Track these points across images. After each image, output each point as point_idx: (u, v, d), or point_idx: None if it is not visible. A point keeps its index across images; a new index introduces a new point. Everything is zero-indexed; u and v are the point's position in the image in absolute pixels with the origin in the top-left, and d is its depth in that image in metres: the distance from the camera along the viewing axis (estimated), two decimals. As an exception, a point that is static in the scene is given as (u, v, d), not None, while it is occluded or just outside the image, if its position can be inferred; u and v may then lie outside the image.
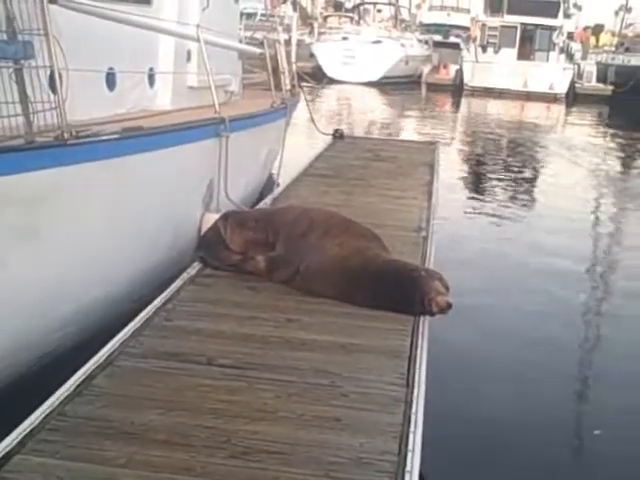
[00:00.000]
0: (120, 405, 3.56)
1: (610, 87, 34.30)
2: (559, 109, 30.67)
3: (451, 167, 14.41)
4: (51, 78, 4.62)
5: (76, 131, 4.64)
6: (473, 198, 12.56)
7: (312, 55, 36.67)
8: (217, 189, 6.81)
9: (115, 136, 5.01)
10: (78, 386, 3.71)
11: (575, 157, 18.15)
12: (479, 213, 11.36)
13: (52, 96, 4.59)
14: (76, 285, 4.84)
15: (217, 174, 6.72)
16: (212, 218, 6.11)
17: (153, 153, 5.46)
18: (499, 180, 14.31)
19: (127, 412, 3.49)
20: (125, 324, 4.46)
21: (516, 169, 15.72)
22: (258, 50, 9.85)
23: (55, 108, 4.54)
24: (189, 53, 7.67)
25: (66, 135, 4.54)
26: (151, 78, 7.09)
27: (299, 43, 34.46)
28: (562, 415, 5.10)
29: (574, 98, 33.08)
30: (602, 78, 36.36)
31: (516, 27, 34.68)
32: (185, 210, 6.46)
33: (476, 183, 14.32)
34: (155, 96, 7.16)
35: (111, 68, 6.21)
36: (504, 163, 16.49)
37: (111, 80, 6.24)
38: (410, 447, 3.29)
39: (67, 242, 4.70)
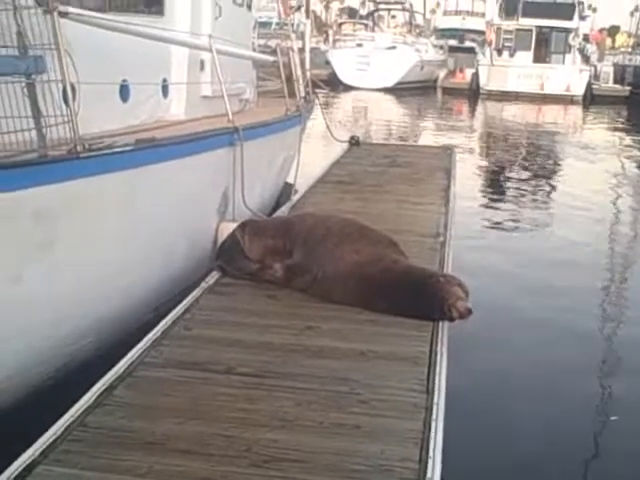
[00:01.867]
0: (140, 415, 3.57)
1: (628, 88, 34.11)
2: (576, 111, 30.53)
3: (468, 172, 14.35)
4: (64, 92, 4.65)
5: (89, 144, 4.66)
6: (491, 203, 12.49)
7: (327, 62, 36.79)
8: (232, 198, 6.81)
9: (128, 148, 5.02)
10: (98, 397, 3.72)
11: (594, 159, 18.05)
12: (498, 218, 11.29)
13: (65, 110, 4.62)
14: (92, 298, 4.85)
15: (232, 183, 6.72)
16: (228, 227, 6.12)
17: (166, 164, 5.48)
18: (517, 184, 14.24)
19: (147, 422, 3.50)
20: (145, 334, 4.48)
21: (534, 173, 15.65)
22: (271, 58, 9.88)
23: (68, 122, 4.56)
24: (202, 63, 7.70)
25: (79, 148, 4.55)
26: (165, 89, 7.13)
27: (314, 51, 34.66)
28: (581, 425, 5.03)
29: (591, 99, 32.94)
30: (619, 79, 36.20)
31: (531, 30, 34.62)
32: (201, 220, 6.48)
33: (494, 188, 14.25)
34: (169, 106, 7.20)
35: (124, 80, 6.25)
36: (522, 167, 16.42)
37: (125, 92, 6.28)
38: (431, 454, 3.27)
39: (81, 255, 4.70)
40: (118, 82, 6.20)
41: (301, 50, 12.21)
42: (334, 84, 33.35)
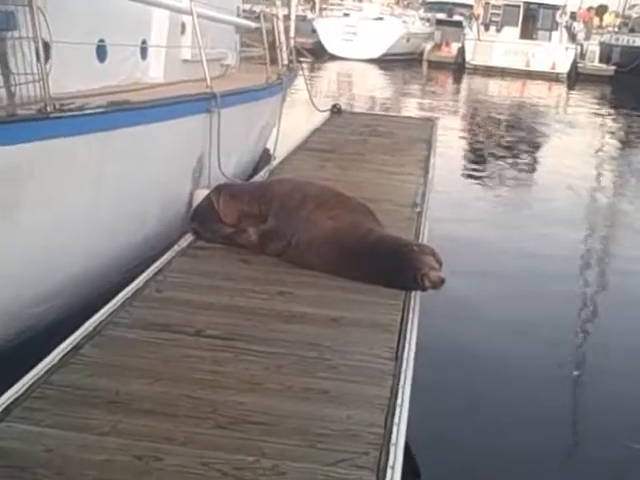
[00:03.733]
0: (106, 374, 3.54)
1: (613, 67, 34.10)
2: (561, 88, 30.50)
3: (450, 144, 14.32)
4: (36, 50, 4.55)
5: (59, 104, 4.55)
6: (471, 176, 12.50)
7: (313, 31, 36.43)
8: (208, 165, 6.72)
9: (100, 109, 4.91)
10: (65, 355, 3.68)
11: (576, 136, 18.11)
12: (477, 190, 11.31)
13: (36, 68, 4.51)
14: (59, 259, 4.78)
15: (208, 149, 6.63)
16: (203, 194, 6.06)
17: (140, 127, 5.38)
18: (498, 158, 14.24)
19: (113, 381, 3.47)
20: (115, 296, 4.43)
21: (516, 147, 15.65)
22: (254, 24, 9.73)
23: (39, 81, 4.45)
24: (183, 25, 7.57)
25: (49, 108, 4.45)
26: (143, 50, 6.99)
27: (301, 19, 34.32)
28: (551, 389, 5.08)
29: (576, 78, 32.90)
30: (605, 58, 36.17)
31: (519, 6, 34.42)
32: (174, 186, 6.39)
33: (475, 161, 14.25)
34: (147, 69, 7.06)
35: (102, 40, 6.11)
36: (504, 141, 16.42)
37: (102, 52, 6.14)
38: (396, 420, 3.27)
39: (50, 216, 4.62)
40: (95, 42, 6.06)
41: (286, 17, 12.06)
42: (320, 53, 33.06)
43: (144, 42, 7.00)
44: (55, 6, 5.01)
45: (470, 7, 42.00)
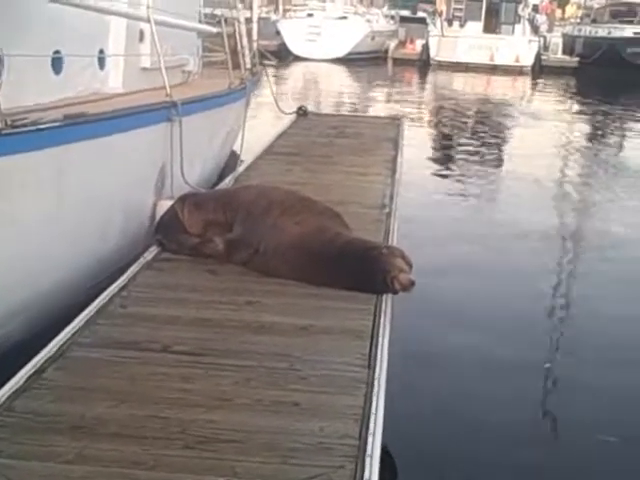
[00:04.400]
0: (71, 398, 3.42)
1: (576, 59, 34.36)
2: (525, 81, 30.69)
3: (417, 143, 14.28)
4: None
5: (12, 120, 4.42)
6: (439, 174, 12.47)
7: (277, 33, 36.30)
8: (171, 175, 6.59)
9: (55, 124, 4.78)
10: (27, 380, 3.55)
11: (542, 128, 18.19)
12: (445, 189, 11.28)
13: None
14: (19, 277, 4.65)
15: (170, 159, 6.50)
16: (166, 205, 5.94)
17: (98, 140, 5.25)
18: (466, 154, 14.24)
19: (78, 405, 3.35)
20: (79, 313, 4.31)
21: (482, 142, 15.67)
22: (215, 29, 9.61)
23: None
24: (142, 33, 7.43)
25: (1, 125, 4.31)
26: (101, 60, 6.84)
27: (264, 21, 34.21)
28: (527, 394, 5.02)
29: (540, 70, 33.10)
30: (568, 50, 36.43)
31: (482, 0, 34.54)
32: (136, 198, 6.25)
33: (442, 158, 14.24)
34: (106, 79, 6.92)
35: (57, 51, 5.96)
36: (470, 137, 16.45)
37: (57, 63, 5.99)
38: (371, 430, 3.19)
39: (6, 234, 4.49)
40: (50, 53, 5.91)
41: (248, 20, 11.96)
42: (284, 55, 32.93)
43: (101, 52, 6.85)
44: (7, 17, 4.87)
45: (433, 3, 42.11)
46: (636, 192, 11.73)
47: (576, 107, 23.22)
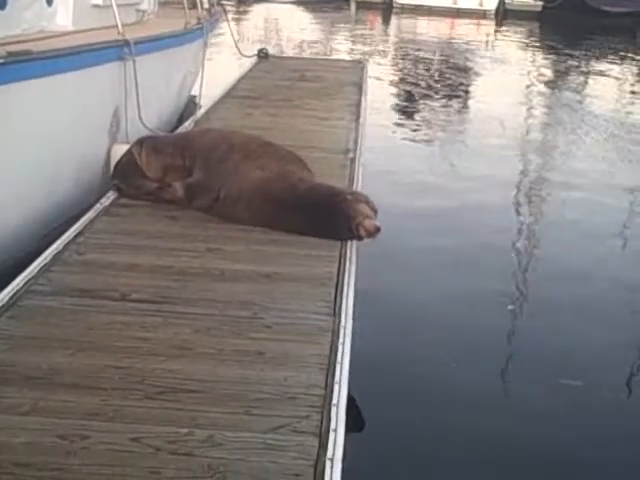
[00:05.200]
0: (25, 348, 3.31)
1: (540, 3, 34.10)
2: (489, 26, 30.41)
3: (380, 87, 14.09)
4: None
5: None
6: (403, 119, 12.32)
7: (237, -27, 35.38)
8: (125, 118, 6.36)
9: None
10: (-21, 330, 3.43)
11: (505, 72, 18.08)
12: (408, 134, 11.14)
13: None
14: None
15: (124, 101, 6.26)
16: (121, 149, 5.74)
17: (45, 79, 4.99)
18: (429, 99, 14.10)
19: (33, 355, 3.24)
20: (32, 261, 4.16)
21: (446, 88, 15.51)
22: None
23: None
24: None
25: None
26: None
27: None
28: (489, 343, 5.00)
29: (504, 15, 32.85)
30: (532, -6, 36.11)
31: (445, -59, 33.96)
32: (88, 141, 6.00)
33: (406, 103, 14.05)
34: (54, 16, 6.52)
35: None
36: (434, 82, 16.26)
37: None
38: (337, 379, 3.14)
39: None
40: None
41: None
42: (245, -4, 32.23)
43: None
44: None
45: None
46: (598, 134, 11.76)
47: (539, 51, 23.10)
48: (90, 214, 4.87)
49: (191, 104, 9.25)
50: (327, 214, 4.55)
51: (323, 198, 4.62)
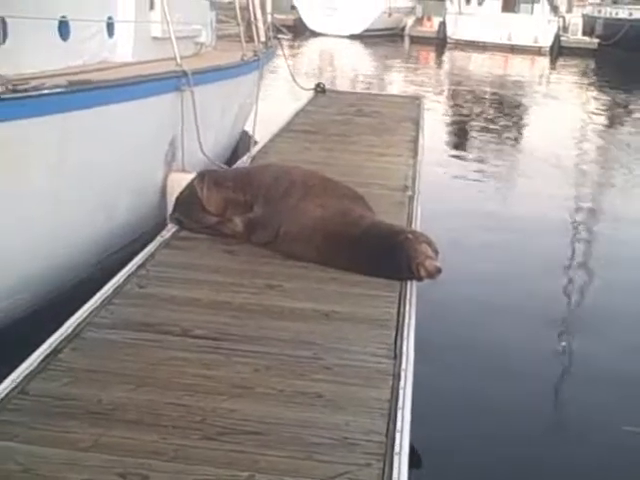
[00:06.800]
0: (87, 381, 3.32)
1: (596, 40, 33.86)
2: (543, 62, 30.28)
3: (435, 123, 14.08)
4: None
5: (13, 84, 4.25)
6: (459, 155, 12.28)
7: (293, 7, 35.92)
8: (181, 147, 6.43)
9: (58, 90, 4.59)
10: (42, 361, 3.45)
11: (560, 111, 17.93)
12: (466, 171, 11.07)
13: None
14: (18, 252, 4.51)
15: (180, 131, 6.32)
16: (177, 178, 5.79)
17: (103, 108, 5.08)
18: (484, 135, 14.04)
19: (94, 389, 3.25)
20: (89, 290, 4.19)
21: (501, 123, 15.45)
22: (226, -1, 9.40)
23: None
24: (152, 1, 7.22)
25: (1, 89, 4.15)
26: (110, 27, 6.60)
27: (279, -6, 33.63)
28: (554, 397, 4.89)
29: (559, 51, 32.68)
30: (588, 31, 35.92)
31: (501, -22, 34.04)
32: (145, 169, 6.09)
33: (461, 139, 14.02)
34: (115, 47, 6.68)
35: (64, 16, 5.74)
36: (488, 118, 16.20)
37: (64, 29, 5.76)
38: (399, 426, 3.07)
39: (7, 204, 4.35)
40: (56, 17, 5.67)
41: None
42: (300, 30, 32.64)
43: (110, 18, 6.64)
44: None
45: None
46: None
47: (595, 89, 22.86)
48: (151, 247, 4.90)
49: (246, 136, 9.33)
50: (388, 253, 4.50)
51: (384, 237, 4.59)
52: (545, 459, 4.07)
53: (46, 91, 4.48)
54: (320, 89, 11.78)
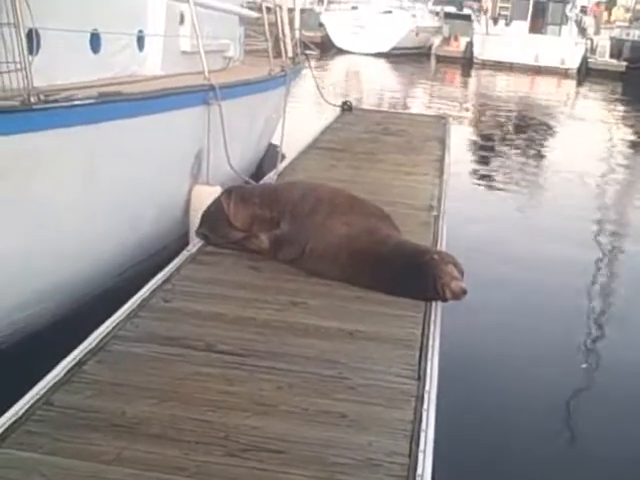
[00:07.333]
0: (111, 394, 3.34)
1: (624, 63, 33.64)
2: (570, 84, 30.14)
3: (461, 142, 14.06)
4: (28, 38, 4.30)
5: (44, 95, 4.30)
6: (485, 176, 12.25)
7: (321, 24, 36.10)
8: (207, 160, 6.46)
9: (88, 101, 4.66)
10: (67, 372, 3.47)
11: (587, 132, 17.84)
12: (492, 191, 11.07)
13: (20, 57, 4.25)
14: (44, 261, 4.54)
15: (206, 144, 6.36)
16: (202, 191, 5.81)
17: (132, 120, 5.14)
18: (511, 156, 14.00)
19: (118, 402, 3.26)
20: (111, 300, 4.22)
21: (527, 144, 15.39)
22: (255, 14, 9.45)
23: (20, 70, 4.18)
24: (182, 15, 7.28)
25: (32, 99, 4.20)
26: (140, 41, 6.67)
27: (308, 12, 33.92)
28: (580, 411, 4.85)
29: (586, 73, 32.51)
30: (616, 54, 35.68)
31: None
32: (171, 181, 6.14)
33: (487, 159, 13.97)
34: (145, 61, 6.74)
35: (95, 29, 5.82)
36: (515, 138, 16.15)
37: (95, 42, 5.83)
38: (422, 448, 3.06)
39: (33, 216, 4.40)
40: (88, 31, 5.75)
41: (291, 9, 11.78)
42: (328, 47, 32.77)
43: (141, 32, 6.72)
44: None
45: (479, 0, 41.56)
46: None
47: (621, 111, 22.72)
48: (177, 261, 4.93)
49: (272, 151, 9.36)
50: (413, 273, 4.49)
51: (409, 256, 4.58)
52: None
53: (77, 102, 4.54)
54: (347, 107, 11.82)
